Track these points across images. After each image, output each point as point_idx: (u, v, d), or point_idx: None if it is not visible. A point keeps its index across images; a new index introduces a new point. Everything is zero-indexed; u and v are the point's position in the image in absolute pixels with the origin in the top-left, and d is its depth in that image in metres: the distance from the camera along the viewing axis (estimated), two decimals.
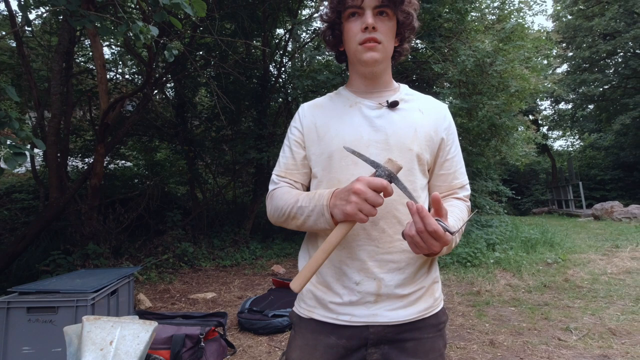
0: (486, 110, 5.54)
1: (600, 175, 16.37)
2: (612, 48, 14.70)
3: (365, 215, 0.74)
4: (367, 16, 0.87)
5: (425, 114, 0.97)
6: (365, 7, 0.88)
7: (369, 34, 0.88)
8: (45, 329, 2.03)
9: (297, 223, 0.90)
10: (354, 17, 0.90)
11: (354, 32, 0.90)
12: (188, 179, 7.75)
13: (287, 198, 0.92)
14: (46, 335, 2.04)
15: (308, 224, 0.87)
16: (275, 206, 0.95)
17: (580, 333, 2.84)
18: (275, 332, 2.96)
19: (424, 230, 0.71)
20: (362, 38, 0.89)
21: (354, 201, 0.74)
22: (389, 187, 0.75)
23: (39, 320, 2.03)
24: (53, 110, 4.57)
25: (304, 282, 0.75)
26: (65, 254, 4.40)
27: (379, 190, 0.74)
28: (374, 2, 0.87)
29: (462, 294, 4.00)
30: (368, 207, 0.74)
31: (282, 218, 0.93)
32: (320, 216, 0.83)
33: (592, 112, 18.53)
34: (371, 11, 0.88)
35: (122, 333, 1.47)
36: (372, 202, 0.74)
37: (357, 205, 0.74)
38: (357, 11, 0.89)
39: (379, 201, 0.74)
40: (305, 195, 0.89)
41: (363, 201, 0.74)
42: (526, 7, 6.93)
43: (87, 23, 2.52)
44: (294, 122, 1.03)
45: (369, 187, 0.74)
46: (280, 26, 8.05)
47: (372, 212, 0.75)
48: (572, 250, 5.97)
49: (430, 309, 0.94)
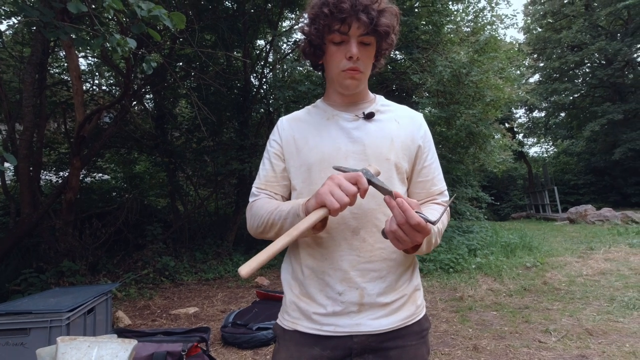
0: (464, 119, 5.70)
1: (573, 180, 17.02)
2: (579, 59, 15.46)
3: (336, 200, 0.73)
4: (352, 46, 0.88)
5: (401, 124, 0.99)
6: (351, 35, 0.88)
7: (353, 63, 0.89)
8: (17, 352, 1.94)
9: (275, 230, 0.89)
10: (338, 43, 0.90)
11: (338, 58, 0.91)
12: (169, 191, 7.60)
13: (267, 207, 0.92)
14: (17, 359, 1.94)
15: (285, 228, 0.86)
16: (254, 216, 0.95)
17: (559, 334, 2.91)
18: (260, 345, 2.91)
19: (406, 222, 0.72)
20: (345, 66, 0.90)
21: (327, 184, 0.76)
22: (362, 179, 0.75)
23: (9, 344, 1.93)
24: (25, 122, 4.43)
25: (255, 267, 0.68)
26: (38, 272, 4.21)
27: (353, 181, 0.76)
28: (360, 31, 0.87)
29: (446, 300, 4.04)
30: (340, 192, 0.74)
31: (261, 228, 0.92)
32: (295, 217, 0.82)
33: (563, 119, 19.34)
34: (356, 40, 0.88)
35: (100, 353, 1.41)
36: (345, 189, 0.75)
37: (329, 188, 0.75)
38: (343, 38, 0.89)
39: (352, 189, 0.75)
40: (284, 203, 0.90)
41: (336, 186, 0.75)
42: (498, 20, 7.23)
43: (62, 34, 2.47)
44: (273, 135, 1.04)
45: (343, 177, 0.76)
46: (261, 37, 8.11)
47: (344, 199, 0.74)
48: (549, 254, 6.15)
49: (412, 316, 0.95)
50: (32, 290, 3.95)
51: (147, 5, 2.34)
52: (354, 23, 0.86)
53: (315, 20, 0.90)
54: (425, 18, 6.17)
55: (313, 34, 0.91)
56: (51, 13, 2.45)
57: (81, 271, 4.48)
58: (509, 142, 9.14)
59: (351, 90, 0.96)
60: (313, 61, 1.01)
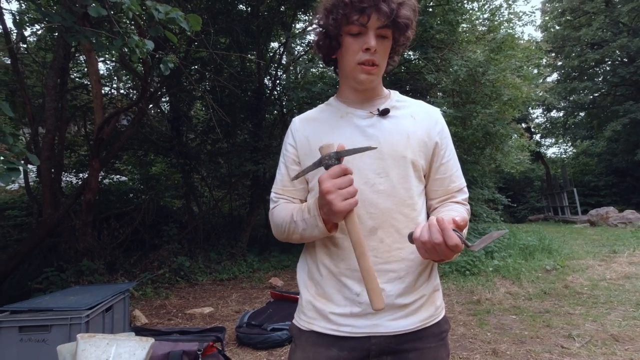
0: (480, 119, 5.60)
1: (594, 181, 16.51)
2: (600, 57, 15.02)
3: (351, 198, 0.76)
4: (370, 37, 0.86)
5: (417, 120, 0.97)
6: (369, 27, 0.86)
7: (370, 55, 0.87)
8: (38, 348, 1.98)
9: (296, 237, 0.91)
10: (355, 35, 0.88)
11: (354, 49, 0.88)
12: (184, 193, 7.71)
13: (283, 215, 0.93)
14: (39, 355, 1.99)
15: (306, 237, 0.89)
16: (275, 224, 0.97)
17: (583, 340, 2.81)
18: (275, 346, 2.91)
19: (443, 243, 0.71)
20: (362, 58, 0.88)
21: (332, 199, 0.76)
22: (345, 168, 0.77)
23: (31, 340, 1.98)
24: (47, 125, 4.55)
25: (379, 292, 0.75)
26: (59, 271, 4.32)
27: (340, 175, 0.77)
28: (379, 22, 0.85)
29: (463, 302, 3.96)
30: (346, 191, 0.76)
31: (284, 235, 0.95)
32: (314, 227, 0.85)
33: (583, 119, 18.80)
34: (374, 32, 0.86)
35: (118, 351, 1.43)
36: (345, 186, 0.76)
37: (338, 199, 0.76)
38: (360, 30, 0.87)
39: (349, 179, 0.77)
40: (298, 209, 0.90)
41: (338, 192, 0.76)
42: (516, 18, 7.08)
43: (83, 39, 2.53)
44: (287, 138, 1.03)
45: (332, 179, 0.77)
46: (275, 39, 8.16)
47: (352, 191, 0.76)
48: (570, 257, 5.97)
49: (431, 317, 0.92)
50: (53, 289, 4.05)
51: (164, 8, 2.38)
52: (373, 14, 0.83)
53: (333, 10, 0.87)
54: (440, 17, 6.09)
55: (331, 24, 0.88)
56: (72, 18, 2.51)
57: (99, 270, 4.57)
58: (527, 142, 8.93)
59: (366, 86, 0.93)
60: (327, 55, 0.98)
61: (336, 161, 0.79)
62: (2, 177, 1.49)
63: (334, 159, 0.79)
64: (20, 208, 6.60)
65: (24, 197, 6.78)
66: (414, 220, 0.91)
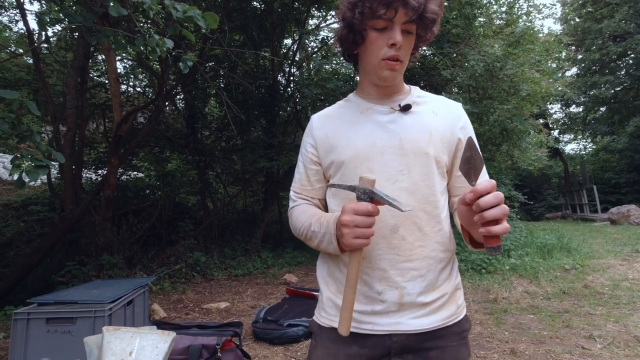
0: (497, 115, 5.49)
1: (615, 178, 16.01)
2: (622, 50, 14.50)
3: (363, 239, 0.77)
4: (397, 32, 0.84)
5: (440, 115, 0.95)
6: (395, 21, 0.84)
7: (395, 51, 0.86)
8: (64, 339, 2.05)
9: (313, 245, 0.93)
10: (381, 30, 0.86)
11: (379, 45, 0.87)
12: (199, 189, 7.81)
13: (302, 219, 0.95)
14: (64, 346, 2.06)
15: (322, 248, 0.90)
16: (294, 226, 0.99)
17: (605, 341, 2.75)
18: (291, 341, 2.94)
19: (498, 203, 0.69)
20: (387, 54, 0.86)
21: (346, 233, 0.77)
22: (372, 208, 0.76)
23: (57, 331, 2.05)
24: (68, 123, 4.68)
25: (349, 323, 0.79)
26: (80, 265, 4.45)
27: (364, 215, 0.76)
28: (406, 17, 0.83)
29: (479, 301, 3.92)
30: (361, 231, 0.76)
31: (302, 238, 0.96)
32: (329, 244, 0.86)
33: (604, 114, 18.21)
34: (400, 27, 0.85)
35: (142, 344, 1.47)
36: (363, 226, 0.76)
37: (351, 235, 0.77)
38: (386, 24, 0.85)
39: (369, 222, 0.76)
40: (317, 219, 0.91)
41: (354, 229, 0.76)
42: (535, 10, 6.90)
43: (103, 38, 2.59)
44: (306, 136, 1.02)
45: (354, 214, 0.76)
46: (289, 36, 8.15)
47: (367, 234, 0.77)
48: (590, 256, 5.83)
49: (453, 316, 0.92)
50: (75, 282, 4.18)
51: (182, 6, 2.41)
52: (400, 8, 0.82)
53: (358, 4, 0.85)
54: (456, 11, 5.98)
55: (356, 18, 0.86)
56: (92, 18, 2.56)
57: (119, 265, 4.69)
58: (545, 138, 8.72)
59: (389, 82, 0.92)
60: (349, 49, 0.95)
61: (368, 198, 0.78)
62: (31, 174, 1.54)
63: (364, 193, 0.77)
64: (42, 204, 6.81)
65: (46, 193, 6.98)
66: (436, 218, 0.91)
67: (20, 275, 4.22)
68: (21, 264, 4.26)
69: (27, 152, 1.62)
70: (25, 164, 1.56)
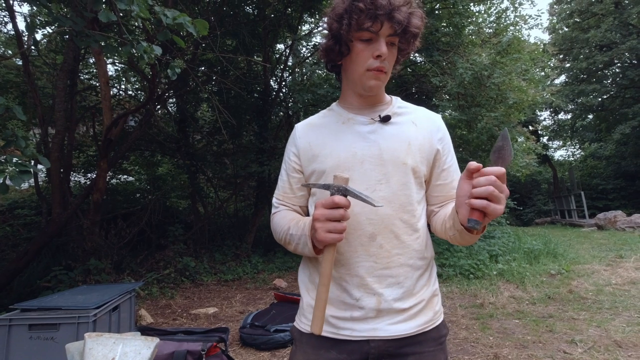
0: (485, 122, 5.59)
1: (602, 184, 16.32)
2: (608, 59, 14.85)
3: (336, 233, 0.78)
4: (382, 44, 0.87)
5: (419, 126, 0.97)
6: (381, 34, 0.87)
7: (380, 62, 0.88)
8: (47, 346, 2.03)
9: (291, 248, 0.94)
10: (366, 40, 0.89)
11: (365, 56, 0.89)
12: (189, 193, 7.78)
13: (282, 224, 0.97)
14: (47, 353, 2.03)
15: (299, 251, 0.92)
16: (274, 230, 1.01)
17: (586, 345, 2.80)
18: (278, 347, 2.94)
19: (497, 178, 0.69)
20: (372, 65, 0.89)
21: (318, 227, 0.79)
22: (341, 200, 0.77)
23: (40, 338, 2.03)
24: (57, 126, 4.63)
25: (321, 322, 0.79)
26: (67, 270, 4.39)
27: (334, 207, 0.78)
28: (390, 30, 0.86)
29: (466, 306, 3.96)
30: (332, 225, 0.78)
31: (282, 242, 0.98)
32: (304, 246, 0.88)
33: (591, 122, 18.60)
34: (385, 39, 0.87)
35: (124, 350, 1.47)
36: (334, 219, 0.78)
37: (322, 229, 0.78)
38: (372, 36, 0.88)
39: (339, 213, 0.77)
40: (295, 222, 0.92)
41: (325, 222, 0.78)
42: (522, 21, 7.05)
43: (92, 42, 2.59)
44: (290, 144, 1.05)
45: (324, 208, 0.78)
46: (281, 42, 8.21)
47: (339, 227, 0.78)
48: (575, 261, 5.92)
49: (430, 322, 0.94)
50: (61, 287, 4.12)
51: (172, 13, 2.42)
52: (386, 22, 0.85)
53: (345, 16, 0.87)
54: (445, 20, 6.09)
55: (343, 29, 0.88)
56: (82, 22, 2.56)
57: (106, 269, 4.64)
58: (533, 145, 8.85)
59: (374, 92, 0.94)
60: (333, 60, 0.97)
61: (340, 192, 0.79)
62: (15, 180, 1.53)
63: (338, 190, 0.79)
64: (29, 207, 6.72)
65: (34, 197, 6.90)
66: (414, 227, 0.93)
67: (5, 281, 4.14)
68: (6, 269, 4.19)
69: (12, 156, 1.61)
70: (9, 169, 1.55)
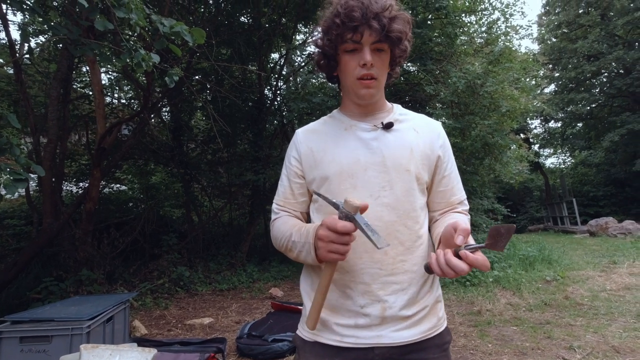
0: (479, 130, 5.65)
1: (593, 191, 16.55)
2: (596, 69, 15.20)
3: (336, 255, 0.78)
4: (366, 53, 0.88)
5: (420, 133, 0.99)
6: (364, 43, 0.89)
7: (367, 70, 0.90)
8: (39, 359, 1.97)
9: (293, 255, 0.93)
10: (351, 52, 0.91)
11: (352, 66, 0.91)
12: (184, 202, 7.71)
13: (283, 230, 0.95)
14: None
15: (301, 258, 0.90)
16: (275, 237, 0.99)
17: (584, 352, 2.80)
18: (276, 357, 2.89)
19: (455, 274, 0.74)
20: (360, 73, 0.91)
21: (321, 246, 0.80)
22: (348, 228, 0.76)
23: (32, 350, 1.97)
24: (50, 135, 4.58)
25: (316, 320, 0.83)
26: (58, 281, 4.30)
27: (340, 233, 0.77)
28: (372, 38, 0.88)
29: (463, 314, 3.95)
30: (336, 247, 0.78)
31: (282, 249, 0.97)
32: (308, 254, 0.87)
33: (581, 130, 18.93)
34: (369, 47, 0.89)
35: None
36: (338, 243, 0.77)
37: (326, 249, 0.79)
38: (356, 47, 0.90)
39: (344, 240, 0.77)
40: (297, 229, 0.91)
41: (329, 244, 0.78)
42: (513, 31, 7.20)
43: (88, 51, 2.58)
44: (290, 150, 1.04)
45: (330, 231, 0.77)
46: (276, 51, 8.27)
47: (342, 250, 0.78)
48: (570, 267, 5.96)
49: (434, 328, 0.94)
50: (52, 299, 4.03)
51: (169, 22, 2.43)
52: (365, 31, 0.87)
53: (328, 32, 0.91)
54: (438, 30, 6.19)
55: (327, 45, 0.93)
56: (77, 30, 2.55)
57: (99, 280, 4.55)
58: (525, 152, 8.97)
59: (367, 100, 0.96)
60: (328, 73, 1.01)
61: (346, 218, 0.78)
62: (9, 188, 1.51)
63: (345, 216, 0.78)
64: (19, 217, 6.59)
65: (24, 206, 6.77)
66: (417, 233, 0.94)
67: None
68: None
69: (6, 165, 1.59)
70: (3, 177, 1.53)
